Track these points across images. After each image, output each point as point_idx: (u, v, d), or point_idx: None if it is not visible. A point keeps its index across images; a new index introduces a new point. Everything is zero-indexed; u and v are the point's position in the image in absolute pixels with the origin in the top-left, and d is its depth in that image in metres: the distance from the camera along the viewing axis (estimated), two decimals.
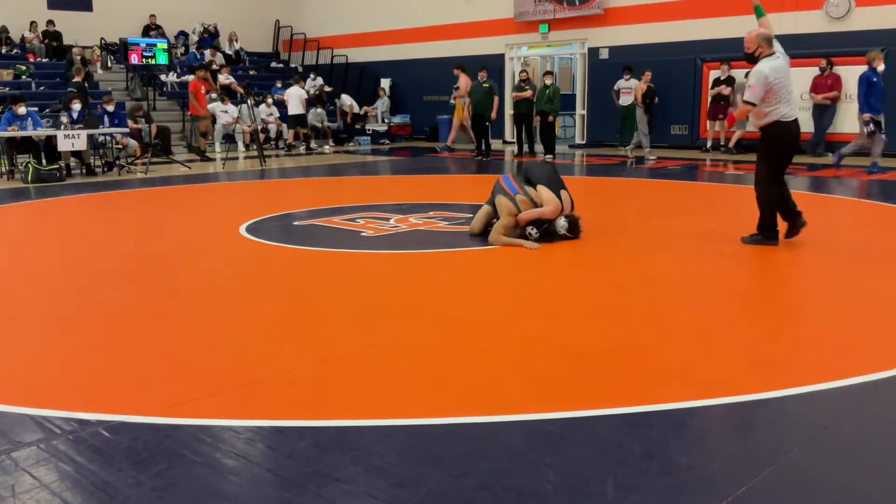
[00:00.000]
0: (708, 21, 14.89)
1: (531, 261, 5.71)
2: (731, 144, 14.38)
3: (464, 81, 15.87)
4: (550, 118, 14.58)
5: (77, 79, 14.61)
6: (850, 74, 13.28)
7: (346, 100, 18.96)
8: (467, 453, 2.64)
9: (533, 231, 6.16)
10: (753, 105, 5.87)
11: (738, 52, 6.82)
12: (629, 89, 15.38)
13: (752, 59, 6.08)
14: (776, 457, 2.58)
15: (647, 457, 2.58)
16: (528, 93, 14.79)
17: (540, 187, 6.30)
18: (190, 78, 18.50)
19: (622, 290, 4.91)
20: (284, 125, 17.80)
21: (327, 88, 19.32)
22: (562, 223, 6.19)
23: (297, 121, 17.22)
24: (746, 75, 6.23)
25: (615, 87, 15.57)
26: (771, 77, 5.82)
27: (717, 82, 14.54)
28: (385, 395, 3.16)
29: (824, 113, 13.55)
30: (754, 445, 2.68)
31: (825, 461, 2.60)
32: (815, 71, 13.58)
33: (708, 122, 15.02)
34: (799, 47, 13.91)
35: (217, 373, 3.43)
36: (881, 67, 10.86)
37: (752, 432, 2.80)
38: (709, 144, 15.03)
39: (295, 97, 16.98)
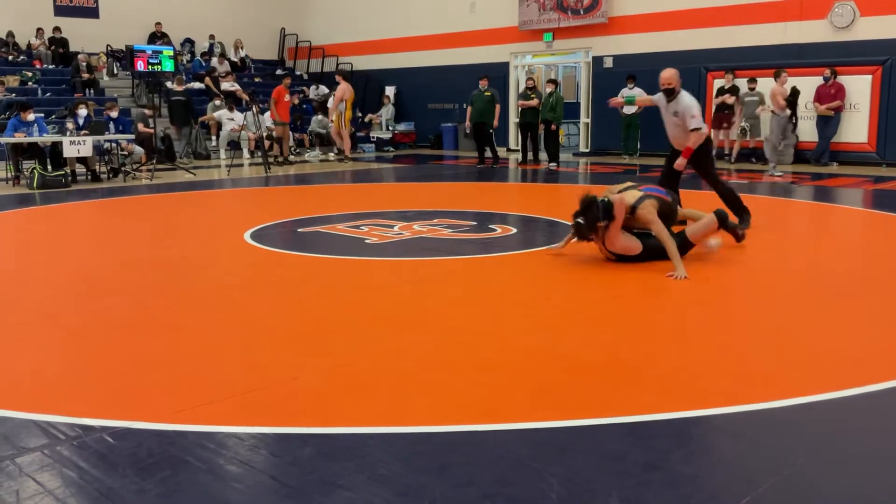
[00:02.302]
0: (712, 30, 14.91)
1: (534, 270, 5.71)
2: (733, 157, 14.44)
3: (341, 89, 15.80)
4: (553, 126, 14.61)
5: (178, 87, 14.75)
6: (854, 84, 13.32)
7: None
8: (471, 462, 2.64)
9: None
10: (700, 129, 6.72)
11: (743, 62, 7.12)
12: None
13: (671, 93, 6.81)
14: (780, 467, 2.58)
15: (651, 467, 2.58)
16: (535, 101, 14.82)
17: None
18: (196, 85, 18.61)
19: (625, 300, 4.91)
20: (292, 133, 17.91)
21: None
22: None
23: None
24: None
25: (619, 96, 15.55)
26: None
27: (721, 91, 14.53)
28: (389, 404, 3.16)
29: (828, 123, 13.55)
30: (758, 456, 2.67)
31: (830, 472, 2.59)
32: (818, 80, 13.58)
33: (712, 131, 15.02)
34: (803, 57, 13.97)
35: (221, 380, 3.44)
36: None
37: (757, 442, 2.79)
38: (713, 153, 15.01)
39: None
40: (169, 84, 17.29)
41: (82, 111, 12.86)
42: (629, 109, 15.37)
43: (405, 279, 5.43)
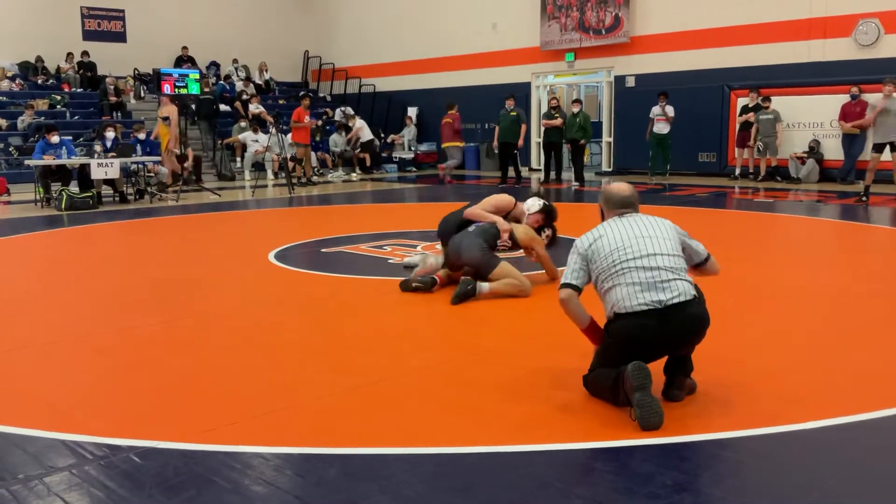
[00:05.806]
0: (735, 49, 14.87)
1: (554, 288, 5.66)
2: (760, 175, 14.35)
3: (168, 111, 14.11)
4: (582, 143, 14.60)
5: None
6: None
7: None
8: (495, 483, 2.62)
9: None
10: None
11: (766, 80, 6.87)
12: (663, 116, 15.07)
13: None
14: (810, 490, 2.53)
15: (680, 489, 2.55)
16: (559, 121, 14.81)
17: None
18: (224, 107, 18.83)
19: None
20: (314, 153, 18.07)
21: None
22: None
23: (368, 146, 18.47)
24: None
25: (651, 115, 15.20)
26: None
27: (745, 109, 14.47)
28: (413, 423, 3.15)
29: (854, 141, 13.42)
30: (788, 478, 2.63)
31: (860, 495, 2.54)
32: (844, 98, 13.47)
33: (736, 149, 14.95)
34: (827, 75, 13.88)
35: (246, 399, 3.45)
36: None
37: (787, 464, 2.75)
38: (737, 172, 14.93)
39: (367, 126, 18.42)
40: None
41: (110, 134, 13.06)
42: (663, 128, 15.15)
43: (428, 299, 5.42)
